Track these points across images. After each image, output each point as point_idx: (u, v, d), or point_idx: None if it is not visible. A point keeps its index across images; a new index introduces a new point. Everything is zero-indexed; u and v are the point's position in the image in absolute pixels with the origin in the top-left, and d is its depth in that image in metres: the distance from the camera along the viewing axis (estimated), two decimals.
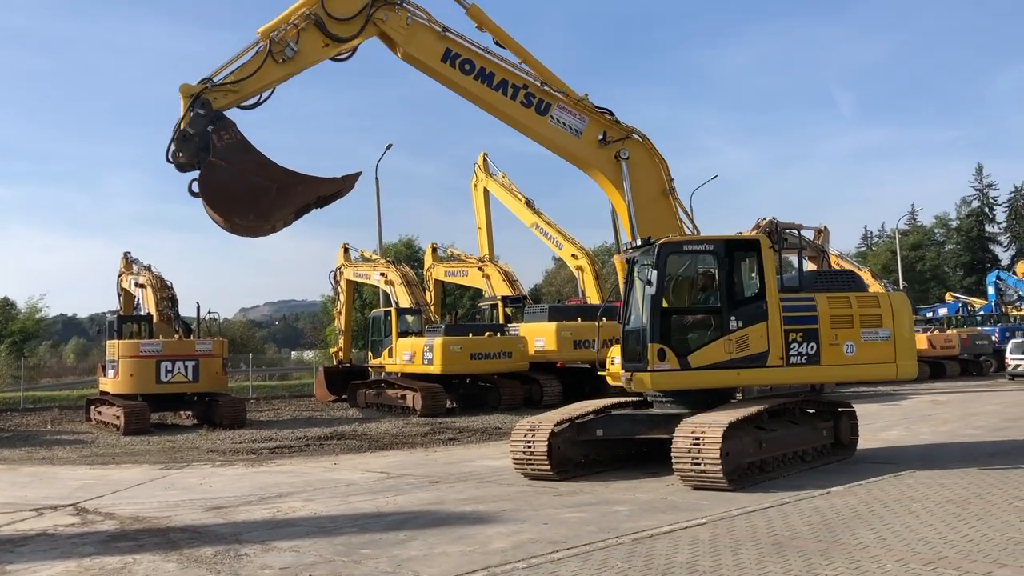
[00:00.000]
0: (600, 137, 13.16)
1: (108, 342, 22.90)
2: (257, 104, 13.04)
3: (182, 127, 12.52)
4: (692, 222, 13.56)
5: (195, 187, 12.68)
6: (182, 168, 12.64)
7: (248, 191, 12.54)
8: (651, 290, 11.65)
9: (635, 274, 12.29)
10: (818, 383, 12.44)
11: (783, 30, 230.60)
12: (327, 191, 13.02)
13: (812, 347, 11.79)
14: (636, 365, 11.78)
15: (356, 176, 13.33)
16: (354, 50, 13.38)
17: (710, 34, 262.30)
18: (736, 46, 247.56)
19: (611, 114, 13.37)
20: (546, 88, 13.27)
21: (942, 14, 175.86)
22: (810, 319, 11.85)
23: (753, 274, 11.95)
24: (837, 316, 11.92)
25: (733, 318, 11.67)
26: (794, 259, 17.26)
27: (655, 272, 11.64)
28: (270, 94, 13.17)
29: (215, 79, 12.78)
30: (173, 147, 12.60)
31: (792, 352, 11.75)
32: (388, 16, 13.01)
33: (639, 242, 12.45)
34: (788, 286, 12.47)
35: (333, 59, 13.35)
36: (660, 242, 11.89)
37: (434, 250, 34.24)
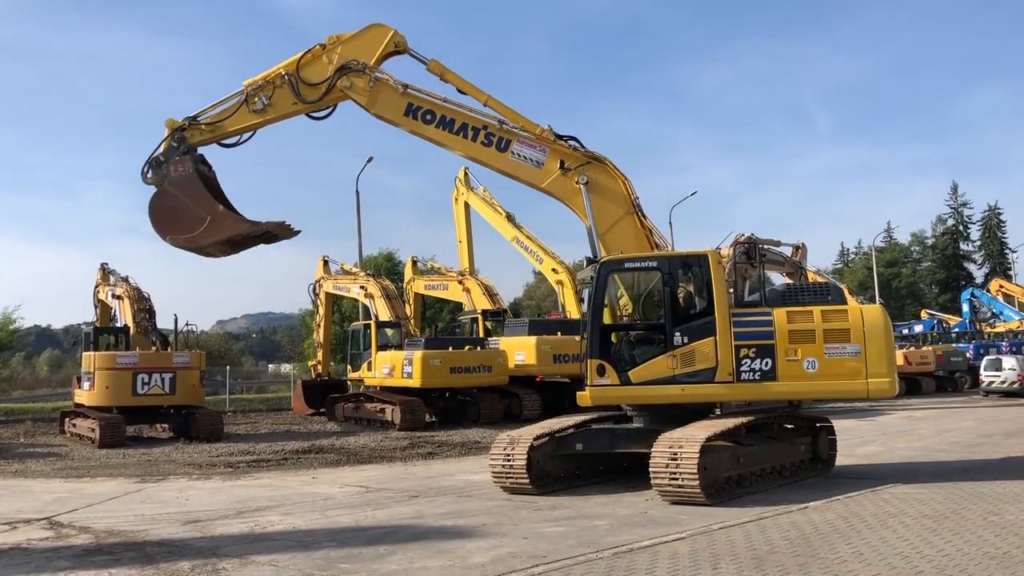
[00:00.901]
0: (559, 165, 13.62)
1: (84, 354, 22.65)
2: (237, 144, 14.50)
3: (157, 153, 14.11)
4: (661, 239, 13.72)
5: None
6: (157, 187, 14.26)
7: (185, 217, 14.07)
8: (591, 307, 11.96)
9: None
10: (772, 400, 12.24)
11: (761, 48, 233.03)
12: (251, 232, 14.45)
13: (767, 363, 11.59)
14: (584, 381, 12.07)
15: (282, 224, 14.72)
16: (331, 111, 14.59)
17: (689, 50, 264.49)
18: (714, 63, 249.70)
19: (576, 140, 13.82)
20: (505, 126, 13.91)
21: (919, 34, 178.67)
22: (764, 334, 11.66)
23: (702, 290, 11.98)
24: (796, 331, 11.62)
25: (678, 334, 11.75)
26: (772, 275, 17.41)
27: (594, 290, 11.94)
28: (250, 136, 14.55)
29: (198, 118, 14.28)
30: (146, 168, 14.19)
31: (744, 368, 11.63)
32: (352, 83, 14.14)
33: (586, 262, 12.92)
34: (749, 301, 12.53)
35: (310, 116, 14.54)
36: (601, 260, 12.20)
37: (414, 263, 34.23)
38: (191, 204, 13.95)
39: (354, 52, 14.15)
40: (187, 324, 24.95)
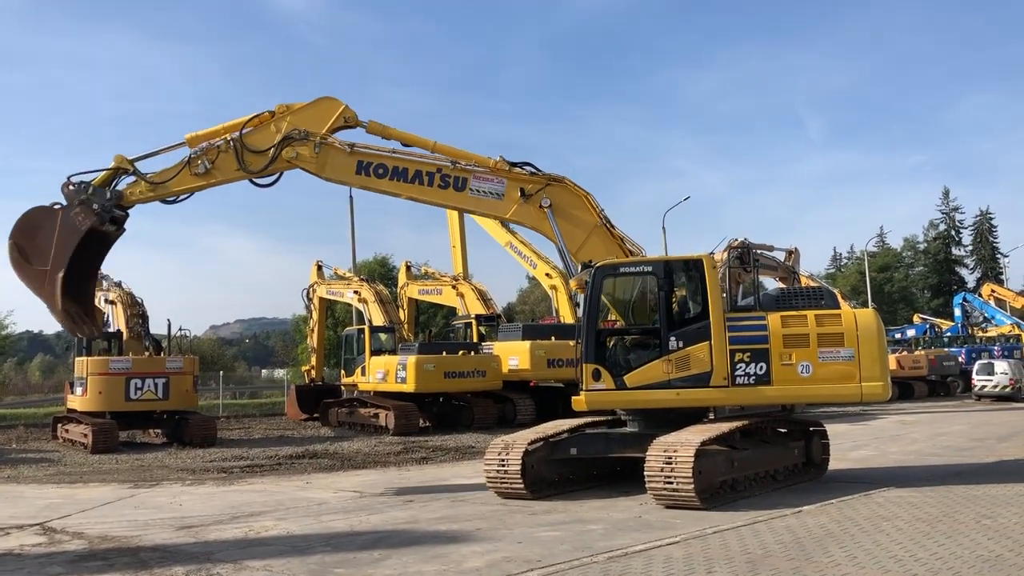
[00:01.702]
0: (520, 193, 13.67)
1: (77, 359, 22.59)
2: (175, 201, 14.12)
3: (92, 181, 13.58)
4: (634, 246, 13.80)
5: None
6: (65, 200, 13.61)
7: (38, 247, 13.43)
8: (586, 312, 12.00)
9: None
10: (767, 404, 12.23)
11: (753, 54, 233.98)
12: (52, 311, 13.71)
13: (761, 367, 11.59)
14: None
15: (82, 327, 14.16)
16: (277, 178, 14.16)
17: (681, 57, 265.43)
18: (707, 69, 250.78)
19: (531, 165, 13.97)
20: (459, 165, 13.88)
21: (910, 41, 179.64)
22: (759, 339, 11.67)
23: (697, 294, 12.00)
24: (791, 335, 11.62)
25: (673, 338, 11.77)
26: (765, 280, 17.41)
27: (589, 295, 11.99)
28: (188, 196, 14.16)
29: (140, 163, 13.84)
30: (76, 179, 13.57)
31: (738, 372, 11.63)
32: (298, 152, 13.78)
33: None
34: (743, 306, 12.56)
35: (253, 183, 14.12)
36: (596, 265, 12.22)
37: (408, 268, 34.20)
38: (53, 247, 13.31)
39: (303, 123, 13.88)
40: (180, 329, 24.90)
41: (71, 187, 13.47)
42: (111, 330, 23.80)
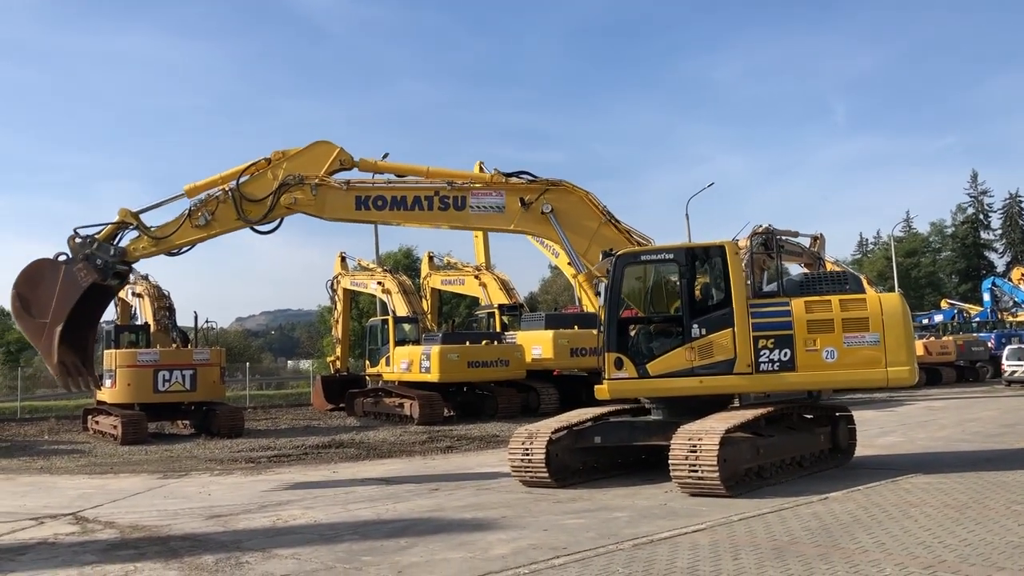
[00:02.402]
0: (521, 203, 13.67)
1: (105, 351, 22.86)
2: (179, 253, 14.15)
3: (97, 236, 13.61)
4: (642, 237, 13.77)
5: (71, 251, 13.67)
6: (70, 253, 13.66)
7: (39, 298, 13.49)
8: (608, 301, 11.98)
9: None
10: (791, 391, 12.13)
11: (776, 40, 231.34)
12: (47, 360, 13.82)
13: (786, 353, 11.51)
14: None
15: (73, 379, 14.07)
16: (278, 224, 14.10)
17: (703, 43, 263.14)
18: (729, 55, 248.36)
19: (527, 173, 13.94)
20: (456, 184, 13.90)
21: (936, 23, 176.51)
22: (783, 325, 11.59)
23: (719, 281, 11.94)
24: (815, 321, 11.53)
25: (696, 326, 11.72)
26: (790, 266, 17.32)
27: (611, 283, 11.98)
28: (190, 248, 14.18)
29: (143, 215, 13.83)
30: (85, 235, 13.58)
31: (762, 359, 11.56)
32: (296, 198, 13.73)
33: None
34: (766, 292, 12.48)
35: (254, 230, 14.01)
36: (618, 254, 12.22)
37: (431, 259, 34.30)
38: (53, 300, 13.40)
39: (299, 168, 13.84)
40: (207, 321, 25.18)
41: (77, 240, 13.52)
42: (139, 323, 24.11)
